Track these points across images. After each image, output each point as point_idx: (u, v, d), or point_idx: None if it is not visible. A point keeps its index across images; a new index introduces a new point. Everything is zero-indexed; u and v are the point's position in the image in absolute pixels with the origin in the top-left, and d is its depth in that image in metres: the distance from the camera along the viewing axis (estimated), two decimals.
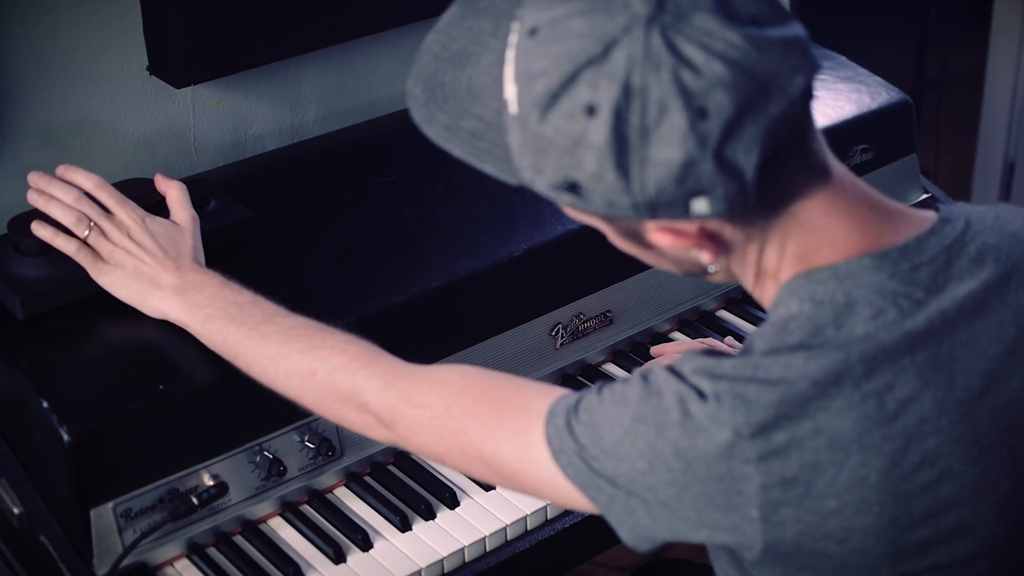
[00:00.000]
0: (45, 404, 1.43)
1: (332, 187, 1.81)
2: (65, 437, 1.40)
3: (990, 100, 3.25)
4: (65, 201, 1.53)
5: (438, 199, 1.78)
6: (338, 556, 1.50)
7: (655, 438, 1.11)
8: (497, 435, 1.21)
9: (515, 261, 1.69)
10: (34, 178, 1.56)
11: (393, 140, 1.94)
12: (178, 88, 1.85)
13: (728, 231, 1.13)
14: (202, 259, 1.54)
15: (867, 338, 1.10)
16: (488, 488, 1.58)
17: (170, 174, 1.88)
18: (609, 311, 1.77)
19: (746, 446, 1.08)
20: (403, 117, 2.03)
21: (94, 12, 1.76)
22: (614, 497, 1.14)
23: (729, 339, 1.79)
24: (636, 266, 1.79)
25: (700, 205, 1.06)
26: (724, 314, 1.90)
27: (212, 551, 1.50)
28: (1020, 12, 3.14)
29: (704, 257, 1.14)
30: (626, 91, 1.03)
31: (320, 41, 1.94)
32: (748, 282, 1.19)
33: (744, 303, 1.91)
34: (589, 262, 1.75)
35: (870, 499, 1.09)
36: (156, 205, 1.58)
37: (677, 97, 1.02)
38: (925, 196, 2.15)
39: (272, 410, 1.52)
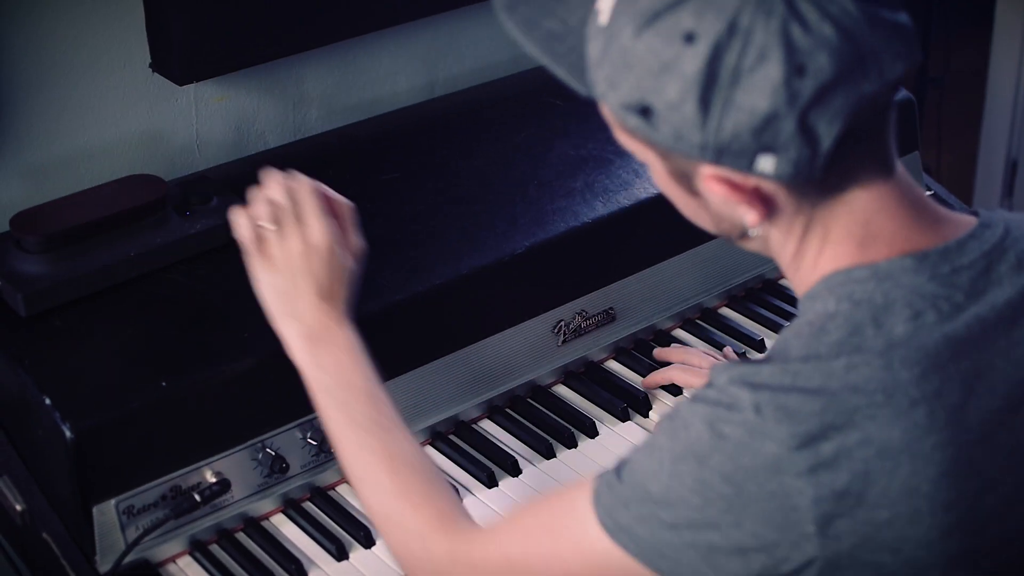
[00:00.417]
0: (47, 401, 1.43)
1: (334, 184, 1.81)
2: (67, 434, 1.40)
3: (992, 99, 3.25)
4: (269, 191, 1.45)
5: (440, 196, 1.78)
6: (340, 553, 1.49)
7: (699, 470, 1.08)
8: (560, 554, 1.18)
9: (517, 259, 1.69)
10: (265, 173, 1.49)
11: (395, 138, 1.94)
12: (181, 85, 1.84)
13: (781, 197, 1.10)
14: (351, 301, 1.45)
15: (906, 342, 1.08)
16: (490, 485, 1.58)
17: (173, 171, 1.89)
18: (611, 308, 1.77)
19: (794, 458, 1.05)
20: (405, 114, 2.05)
21: (96, 10, 1.76)
22: (677, 561, 1.10)
23: (728, 350, 1.79)
24: (638, 264, 1.80)
25: (767, 163, 1.04)
26: (726, 311, 1.89)
27: (215, 548, 1.50)
28: (1022, 11, 3.14)
29: (750, 217, 1.11)
30: (731, 28, 1.01)
31: (322, 39, 1.94)
32: (784, 258, 1.16)
33: (747, 300, 1.91)
34: (591, 260, 1.76)
35: (922, 510, 1.07)
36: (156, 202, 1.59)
37: (780, 48, 1.01)
38: (927, 193, 2.14)
39: (274, 407, 1.52)
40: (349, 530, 1.52)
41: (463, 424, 1.67)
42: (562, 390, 1.74)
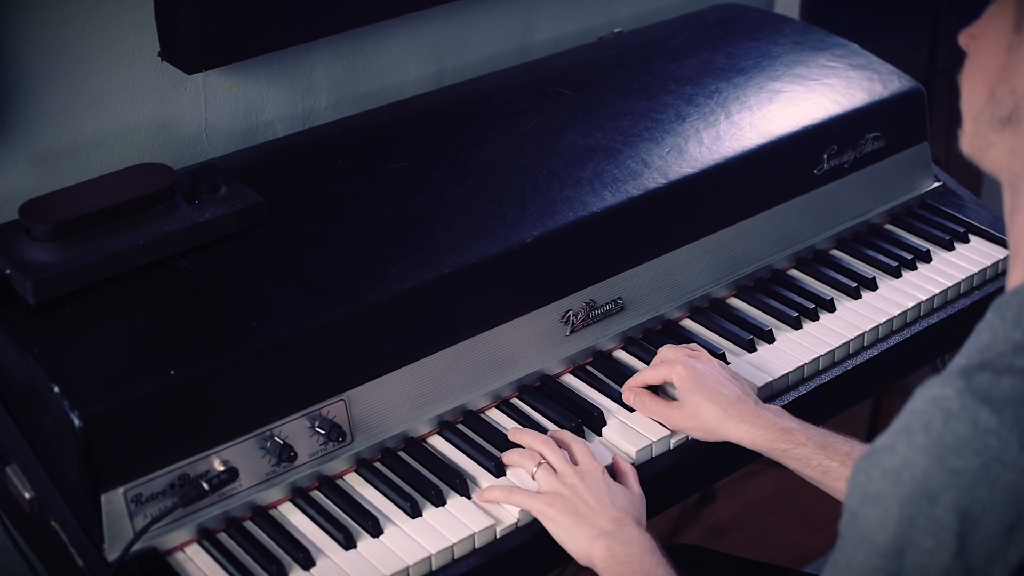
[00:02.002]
0: (56, 389, 1.43)
1: (343, 173, 1.81)
2: (76, 422, 1.41)
3: None
4: (529, 438, 1.60)
5: (449, 185, 1.78)
6: (348, 542, 1.50)
7: (932, 508, 0.99)
8: None
9: (526, 248, 1.69)
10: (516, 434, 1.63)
11: (404, 126, 1.94)
12: (190, 74, 1.85)
13: None
14: (644, 526, 1.52)
15: None
16: (499, 474, 1.58)
17: (181, 160, 1.90)
18: (620, 298, 1.77)
19: None
20: (414, 104, 2.05)
21: None
22: None
23: (694, 346, 1.74)
24: (647, 253, 1.80)
25: None
26: (735, 301, 1.89)
27: (222, 536, 1.50)
28: None
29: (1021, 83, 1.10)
30: None
31: (331, 27, 1.94)
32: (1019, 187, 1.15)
33: (755, 291, 1.90)
34: (600, 249, 1.75)
35: None
36: (165, 191, 1.59)
37: None
38: (936, 184, 2.14)
39: (283, 396, 1.52)
40: (357, 519, 1.52)
41: (471, 413, 1.67)
42: (570, 380, 1.74)
